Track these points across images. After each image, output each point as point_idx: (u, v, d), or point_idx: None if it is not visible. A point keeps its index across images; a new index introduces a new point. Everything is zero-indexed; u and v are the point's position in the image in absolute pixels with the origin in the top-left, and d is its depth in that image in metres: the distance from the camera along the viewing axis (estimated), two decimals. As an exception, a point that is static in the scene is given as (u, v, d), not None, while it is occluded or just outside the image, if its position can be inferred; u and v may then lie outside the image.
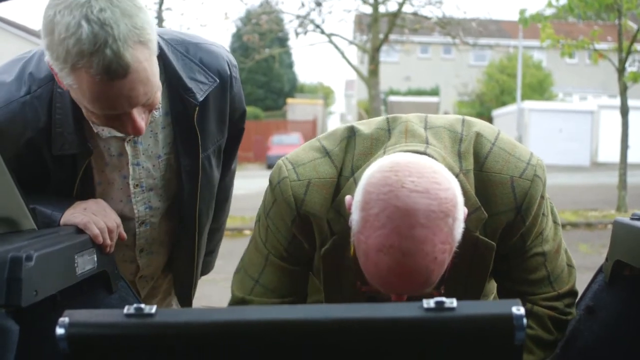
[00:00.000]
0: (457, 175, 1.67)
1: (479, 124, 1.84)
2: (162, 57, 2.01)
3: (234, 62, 2.30)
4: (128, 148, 2.11)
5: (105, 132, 2.05)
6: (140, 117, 1.83)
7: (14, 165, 1.90)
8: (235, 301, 1.98)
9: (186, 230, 2.34)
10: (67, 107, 1.95)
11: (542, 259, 1.88)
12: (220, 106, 2.24)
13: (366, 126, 1.85)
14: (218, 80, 2.17)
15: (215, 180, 2.36)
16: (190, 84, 2.10)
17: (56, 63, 1.72)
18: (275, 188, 1.85)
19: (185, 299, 2.50)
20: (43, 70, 1.97)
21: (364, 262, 1.52)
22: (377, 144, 1.79)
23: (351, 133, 1.84)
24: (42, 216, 1.98)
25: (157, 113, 2.11)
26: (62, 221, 1.99)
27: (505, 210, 1.75)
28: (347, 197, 1.62)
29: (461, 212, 1.53)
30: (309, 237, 1.85)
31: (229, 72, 2.24)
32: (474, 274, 1.83)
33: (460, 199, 1.54)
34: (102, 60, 1.66)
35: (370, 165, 1.60)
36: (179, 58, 2.11)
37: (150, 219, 2.26)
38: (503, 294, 1.99)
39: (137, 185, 2.18)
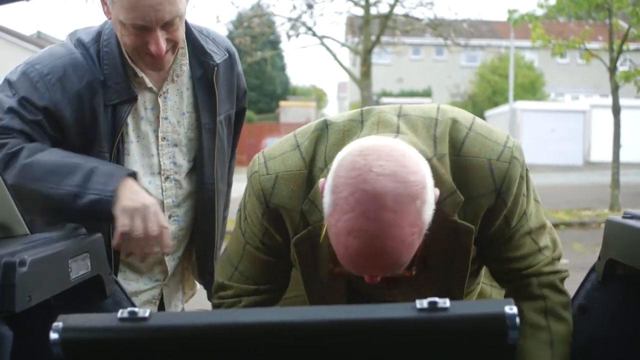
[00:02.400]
0: (429, 160, 1.69)
1: (455, 111, 1.86)
2: (185, 28, 2.31)
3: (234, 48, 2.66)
4: (160, 101, 2.36)
5: (146, 79, 2.31)
6: (162, 40, 2.14)
7: (73, 107, 2.19)
8: (217, 285, 2.06)
9: (206, 194, 2.48)
10: (116, 61, 2.25)
11: (529, 236, 1.89)
12: (229, 80, 2.54)
13: (339, 118, 1.88)
14: (227, 55, 2.51)
15: (227, 148, 2.59)
16: (208, 50, 2.43)
17: None
18: (248, 182, 1.92)
19: (208, 273, 2.58)
20: (90, 35, 2.30)
21: (335, 244, 1.55)
22: (349, 134, 1.81)
23: (324, 126, 1.87)
24: (98, 182, 2.10)
25: (186, 68, 2.40)
26: (117, 206, 2.08)
27: (485, 194, 1.76)
28: (321, 180, 1.65)
29: (431, 195, 1.55)
30: (281, 229, 1.88)
31: (234, 51, 2.59)
32: (457, 259, 1.84)
33: (429, 182, 1.56)
34: None
35: (341, 150, 1.63)
36: (197, 33, 2.44)
37: (175, 175, 2.44)
38: (502, 276, 1.99)
39: (164, 138, 2.40)
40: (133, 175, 2.16)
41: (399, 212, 1.47)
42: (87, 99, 2.21)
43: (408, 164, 1.52)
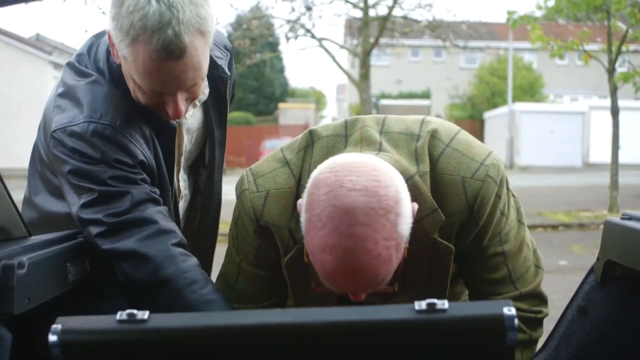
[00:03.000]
0: (412, 177, 1.68)
1: (437, 124, 1.83)
2: None
3: None
4: (184, 130, 2.20)
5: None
6: (182, 102, 1.93)
7: (149, 146, 2.00)
8: None
9: (213, 205, 2.42)
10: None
11: (502, 259, 1.86)
12: (230, 81, 2.36)
13: (324, 132, 1.86)
14: (229, 54, 2.32)
15: None
16: (218, 61, 2.20)
17: (118, 34, 1.82)
18: (237, 200, 1.90)
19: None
20: (100, 65, 2.05)
21: (313, 262, 1.55)
22: (333, 151, 1.79)
23: (309, 142, 1.85)
24: None
25: (207, 90, 2.19)
26: None
27: (458, 212, 1.75)
28: (299, 201, 1.65)
29: (406, 208, 1.54)
30: (273, 245, 1.87)
31: (230, 46, 2.40)
32: (434, 277, 1.83)
33: (404, 196, 1.55)
34: (162, 38, 1.76)
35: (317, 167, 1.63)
36: None
37: (184, 190, 2.34)
38: (470, 296, 2.00)
39: (181, 163, 2.26)
40: None
41: (372, 226, 1.47)
42: (149, 133, 2.04)
43: (380, 178, 1.51)
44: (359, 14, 20.90)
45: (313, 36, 20.36)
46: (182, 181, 2.30)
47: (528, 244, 1.95)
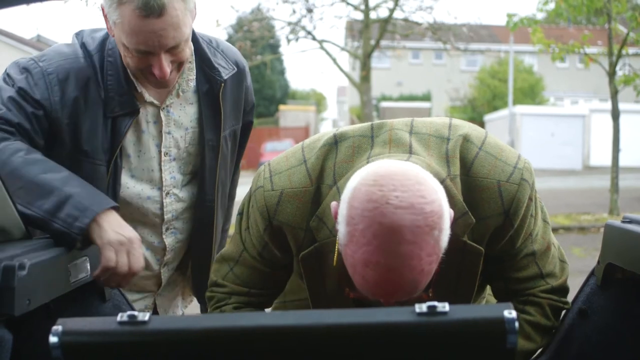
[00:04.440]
0: (443, 181, 1.67)
1: (466, 127, 1.85)
2: (193, 41, 2.31)
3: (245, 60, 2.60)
4: (162, 115, 2.32)
5: (146, 94, 2.28)
6: (167, 64, 2.11)
7: (68, 113, 2.14)
8: (211, 284, 2.07)
9: (205, 211, 2.47)
10: (119, 73, 2.21)
11: (532, 258, 1.89)
12: (236, 95, 2.49)
13: (350, 132, 1.85)
14: (236, 69, 2.46)
15: (230, 162, 2.55)
16: (215, 64, 2.38)
17: (108, 1, 2.04)
18: (252, 195, 1.91)
19: (204, 287, 2.54)
20: (95, 41, 2.26)
21: (352, 273, 1.54)
22: (359, 151, 1.79)
23: (333, 141, 1.84)
24: (69, 214, 1.93)
25: (192, 84, 2.37)
26: (101, 239, 1.95)
27: (493, 215, 1.76)
28: (333, 204, 1.63)
29: (447, 221, 1.53)
30: (282, 245, 1.88)
31: (244, 65, 2.54)
32: (462, 279, 1.83)
33: (446, 208, 1.54)
34: None
35: (354, 174, 1.60)
36: (206, 45, 2.41)
37: (173, 189, 2.40)
38: (498, 294, 2.01)
39: (166, 153, 2.36)
40: (114, 207, 2.02)
41: (418, 244, 1.46)
42: (84, 109, 2.17)
43: (425, 193, 1.49)
44: (360, 16, 20.88)
45: (314, 38, 20.35)
46: (167, 173, 2.36)
47: (554, 242, 1.98)
